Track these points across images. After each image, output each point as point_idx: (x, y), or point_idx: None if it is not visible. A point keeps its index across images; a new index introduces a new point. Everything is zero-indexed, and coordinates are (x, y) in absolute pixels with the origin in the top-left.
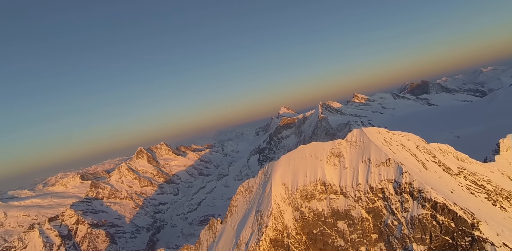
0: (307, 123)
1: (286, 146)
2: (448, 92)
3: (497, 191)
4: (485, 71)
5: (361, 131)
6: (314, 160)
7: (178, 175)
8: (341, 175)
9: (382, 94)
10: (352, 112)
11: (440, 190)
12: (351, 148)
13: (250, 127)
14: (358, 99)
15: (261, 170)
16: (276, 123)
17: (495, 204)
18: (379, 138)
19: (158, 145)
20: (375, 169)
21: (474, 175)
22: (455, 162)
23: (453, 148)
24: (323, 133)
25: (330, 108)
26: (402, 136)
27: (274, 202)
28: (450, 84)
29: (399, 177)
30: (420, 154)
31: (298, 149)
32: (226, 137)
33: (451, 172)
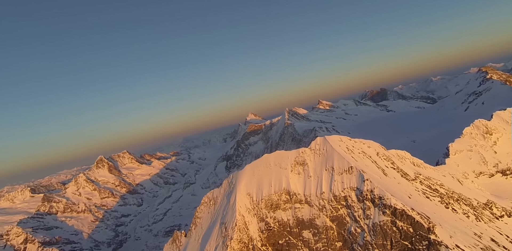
0: (274, 129)
1: (253, 153)
2: (404, 99)
3: (449, 194)
4: (434, 80)
5: (324, 140)
6: (279, 169)
7: (142, 184)
8: (305, 183)
9: (345, 100)
10: (317, 118)
11: (399, 196)
12: (315, 157)
13: (217, 134)
14: (323, 105)
15: (226, 179)
16: (243, 129)
17: (447, 207)
18: (342, 146)
19: (121, 154)
20: (338, 177)
21: (429, 180)
22: (411, 167)
23: (409, 154)
24: (289, 139)
25: (296, 115)
26: (364, 144)
27: (239, 214)
28: (405, 91)
29: (361, 184)
30: (380, 161)
31: (262, 158)
32: (193, 144)
33: (409, 178)
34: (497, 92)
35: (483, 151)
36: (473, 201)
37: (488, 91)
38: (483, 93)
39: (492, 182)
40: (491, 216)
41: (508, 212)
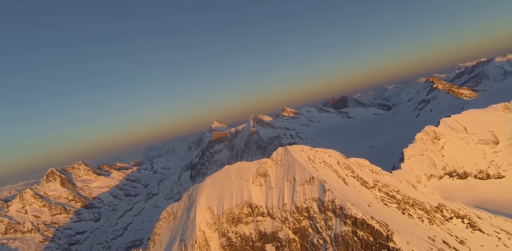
0: (239, 137)
1: (219, 161)
2: (363, 106)
3: (405, 199)
4: (389, 88)
5: (285, 150)
6: (240, 181)
7: (99, 198)
8: (267, 195)
9: (309, 108)
10: (282, 125)
11: (359, 204)
12: (277, 167)
13: (182, 142)
14: (287, 112)
15: (186, 193)
16: (208, 137)
17: (404, 213)
18: (303, 156)
19: (75, 165)
20: (300, 188)
21: (386, 187)
22: (370, 175)
23: (368, 161)
24: (255, 146)
25: (261, 122)
26: (324, 153)
27: (199, 229)
28: (364, 99)
29: (322, 195)
30: (341, 170)
31: (223, 170)
32: (156, 153)
33: (368, 186)
34: (442, 100)
35: (433, 155)
36: (426, 205)
37: (435, 99)
38: (431, 101)
39: (441, 183)
40: (442, 219)
41: (456, 213)
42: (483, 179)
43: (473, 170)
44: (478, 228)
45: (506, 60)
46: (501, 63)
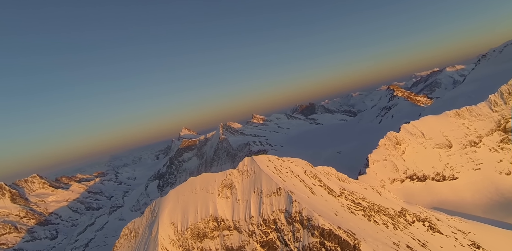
0: (209, 144)
1: (188, 169)
2: (330, 112)
3: (371, 206)
4: (354, 95)
5: (252, 160)
6: (205, 194)
7: (57, 213)
8: (233, 208)
9: (278, 114)
10: (251, 132)
11: (327, 214)
12: (243, 178)
13: (149, 150)
14: (257, 119)
15: (148, 207)
16: (176, 145)
17: (369, 220)
18: (270, 166)
19: (29, 178)
20: (267, 199)
21: (353, 194)
22: (337, 183)
23: (334, 169)
24: (224, 154)
25: (230, 129)
26: (291, 162)
27: (161, 247)
28: (331, 105)
29: (289, 206)
30: (308, 179)
31: (187, 182)
32: (122, 163)
33: (335, 194)
34: (402, 107)
35: (395, 160)
36: (390, 210)
37: (396, 106)
38: (392, 108)
39: (403, 186)
40: (405, 223)
41: (418, 217)
42: (440, 181)
43: (431, 173)
44: (437, 230)
45: (455, 70)
46: (451, 73)
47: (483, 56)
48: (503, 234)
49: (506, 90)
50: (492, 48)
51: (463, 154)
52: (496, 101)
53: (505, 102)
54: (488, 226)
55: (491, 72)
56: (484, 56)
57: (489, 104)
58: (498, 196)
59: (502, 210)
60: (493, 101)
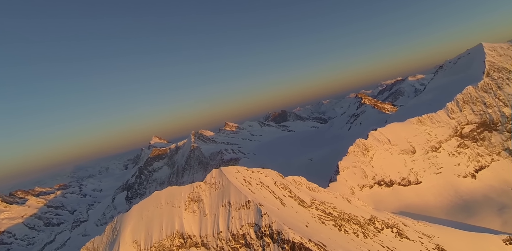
0: (180, 153)
1: (158, 179)
2: (301, 120)
3: (341, 216)
4: (325, 103)
5: (220, 172)
6: (171, 209)
7: (10, 231)
8: (201, 223)
9: (250, 122)
10: (224, 140)
11: (297, 226)
12: (211, 191)
13: (117, 160)
14: (229, 127)
15: (109, 225)
16: (146, 154)
17: (340, 229)
18: (239, 178)
19: None
20: (236, 213)
21: (323, 204)
22: (307, 193)
23: (305, 179)
24: (196, 163)
25: (202, 137)
26: (261, 173)
27: None
28: (302, 113)
29: (259, 219)
30: (278, 190)
31: (152, 196)
32: (87, 174)
33: (305, 205)
34: (369, 114)
35: (364, 166)
36: (360, 218)
37: (364, 113)
38: (360, 115)
39: (372, 192)
40: (375, 231)
41: (386, 224)
42: (406, 185)
43: (397, 178)
44: (405, 236)
45: (416, 80)
46: (412, 82)
47: (440, 67)
48: (464, 236)
49: (461, 99)
50: (447, 60)
51: (425, 159)
52: (452, 109)
53: (461, 109)
54: (450, 228)
55: (448, 82)
56: (441, 67)
57: (447, 111)
58: (457, 198)
59: (461, 211)
60: (450, 109)
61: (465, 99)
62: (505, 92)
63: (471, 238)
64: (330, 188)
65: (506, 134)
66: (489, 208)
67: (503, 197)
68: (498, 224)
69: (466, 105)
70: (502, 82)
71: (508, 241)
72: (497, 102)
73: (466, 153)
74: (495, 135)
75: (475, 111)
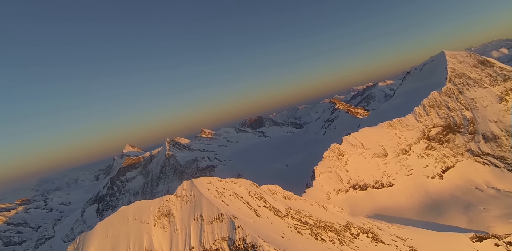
0: (155, 161)
1: (131, 190)
2: (278, 125)
3: (317, 224)
4: (300, 108)
5: (191, 183)
6: (139, 225)
7: None
8: (171, 239)
9: (227, 128)
10: (200, 148)
11: (272, 238)
12: (182, 205)
13: (87, 171)
14: (205, 134)
15: (71, 245)
16: (119, 163)
17: (316, 238)
18: (211, 190)
19: None
20: (208, 227)
21: (299, 213)
22: (283, 202)
23: (280, 187)
24: (171, 171)
25: (178, 145)
26: (235, 184)
27: None
28: (278, 118)
29: (232, 233)
30: (253, 201)
31: (119, 212)
32: (53, 186)
33: (281, 215)
34: (343, 119)
35: (339, 171)
36: (336, 225)
37: (338, 118)
38: (334, 120)
39: (348, 196)
40: (351, 237)
41: (362, 229)
42: (379, 188)
43: (371, 181)
44: (380, 240)
45: (386, 85)
46: (382, 87)
47: (407, 73)
48: (435, 236)
49: (427, 103)
50: (413, 67)
51: (397, 162)
52: (420, 113)
53: (427, 113)
54: (422, 230)
55: (415, 87)
56: (408, 73)
57: (415, 115)
58: (427, 199)
59: (431, 211)
60: (418, 113)
61: (431, 103)
62: (466, 97)
63: (442, 238)
64: (306, 194)
65: (468, 136)
66: (456, 206)
67: (468, 195)
68: (464, 222)
69: (432, 109)
70: (463, 87)
71: (474, 239)
72: (459, 106)
73: (434, 155)
74: (459, 137)
75: (440, 114)
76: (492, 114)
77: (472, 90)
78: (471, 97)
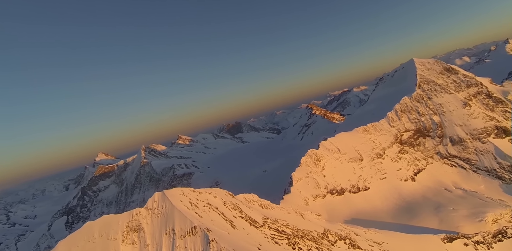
0: (129, 170)
1: (105, 200)
2: (256, 131)
3: (295, 233)
4: (278, 113)
5: (163, 195)
6: (106, 241)
7: None
8: None
9: (204, 134)
10: (177, 154)
11: (248, 250)
12: (153, 218)
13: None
14: (183, 140)
15: None
16: (91, 172)
17: (294, 248)
18: (184, 201)
19: None
20: (181, 241)
21: (276, 222)
22: (259, 211)
23: (257, 196)
24: (147, 179)
25: (154, 152)
26: (209, 194)
27: None
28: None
29: (206, 247)
30: (228, 211)
31: (83, 228)
32: (17, 198)
33: (257, 225)
34: (320, 124)
35: (316, 176)
36: (314, 233)
37: (314, 123)
38: (311, 125)
39: (325, 201)
40: (328, 244)
41: (339, 236)
42: (355, 192)
43: (348, 185)
44: (357, 246)
45: (360, 91)
46: (357, 92)
47: (380, 80)
48: (409, 239)
49: (399, 108)
50: (385, 73)
51: (372, 166)
52: (392, 118)
53: (399, 118)
54: (397, 233)
55: (387, 93)
56: (381, 80)
57: (388, 120)
58: (401, 201)
59: (405, 213)
60: (391, 118)
61: (402, 108)
62: (434, 102)
63: (416, 240)
64: (284, 201)
65: (437, 139)
66: (427, 208)
67: (438, 196)
68: (436, 223)
69: (404, 114)
70: (431, 93)
71: (445, 240)
72: (428, 111)
73: (406, 158)
74: (428, 140)
75: (411, 119)
76: (457, 118)
77: (439, 95)
78: (438, 102)
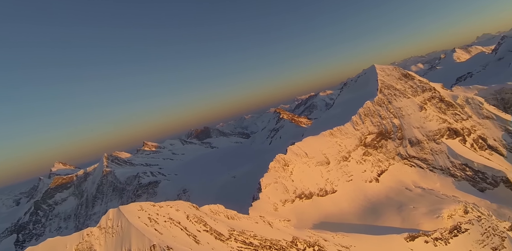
0: (90, 180)
1: (62, 214)
2: (225, 135)
3: (262, 243)
4: (247, 118)
5: (118, 212)
6: None
7: None
8: None
9: (172, 140)
10: (142, 162)
11: None
12: (107, 238)
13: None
14: (149, 147)
15: None
16: (46, 184)
17: None
18: (142, 217)
19: None
20: None
21: (243, 234)
22: (226, 222)
23: (223, 206)
24: (110, 189)
25: (117, 160)
26: (171, 207)
27: None
28: (225, 128)
29: None
30: (191, 226)
31: None
32: None
33: (223, 238)
34: (288, 128)
35: (285, 181)
36: (282, 242)
37: (283, 128)
38: (279, 129)
39: (294, 206)
40: None
41: (308, 243)
42: (323, 196)
43: (316, 189)
44: None
45: (326, 95)
46: (323, 97)
47: (344, 84)
48: (375, 240)
49: (362, 112)
50: (349, 78)
51: (338, 169)
52: (357, 121)
53: (363, 121)
54: (364, 235)
55: (351, 97)
56: (345, 84)
57: (352, 124)
58: (366, 202)
59: (371, 214)
60: (355, 121)
61: (366, 112)
62: (394, 106)
63: (381, 241)
64: (253, 208)
65: (397, 141)
66: (391, 207)
67: (400, 196)
68: (398, 222)
69: (367, 117)
70: (391, 98)
71: (408, 238)
72: (389, 114)
73: (370, 160)
74: (390, 142)
75: (374, 122)
76: (415, 121)
77: (398, 100)
78: (398, 106)
